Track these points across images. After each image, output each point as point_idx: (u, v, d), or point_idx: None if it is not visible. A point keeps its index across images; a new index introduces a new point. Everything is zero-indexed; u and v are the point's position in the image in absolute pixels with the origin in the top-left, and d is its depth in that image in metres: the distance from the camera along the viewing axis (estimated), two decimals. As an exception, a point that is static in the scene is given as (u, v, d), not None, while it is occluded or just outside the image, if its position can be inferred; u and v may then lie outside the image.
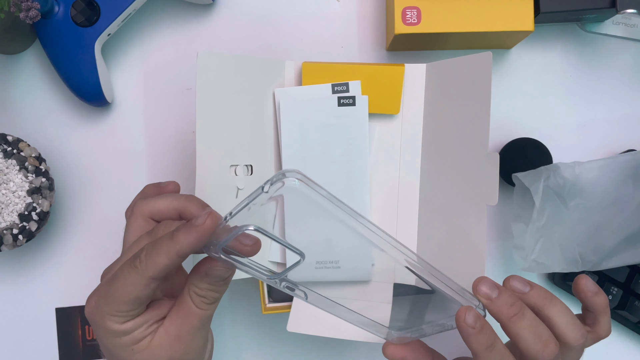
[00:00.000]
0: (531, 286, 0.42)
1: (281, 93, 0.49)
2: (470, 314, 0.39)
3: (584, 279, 0.43)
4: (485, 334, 0.39)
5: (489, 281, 0.41)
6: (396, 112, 0.50)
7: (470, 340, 0.39)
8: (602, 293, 0.43)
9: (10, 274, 0.58)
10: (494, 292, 0.41)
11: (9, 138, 0.53)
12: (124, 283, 0.37)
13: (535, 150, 0.56)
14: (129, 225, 0.42)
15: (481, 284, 0.41)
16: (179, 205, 0.41)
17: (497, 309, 0.40)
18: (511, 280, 0.42)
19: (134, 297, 0.37)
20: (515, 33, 0.53)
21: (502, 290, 0.41)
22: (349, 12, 0.59)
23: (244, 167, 0.48)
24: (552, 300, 0.41)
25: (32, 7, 0.49)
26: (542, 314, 0.41)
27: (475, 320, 0.39)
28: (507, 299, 0.40)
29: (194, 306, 0.38)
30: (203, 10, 0.58)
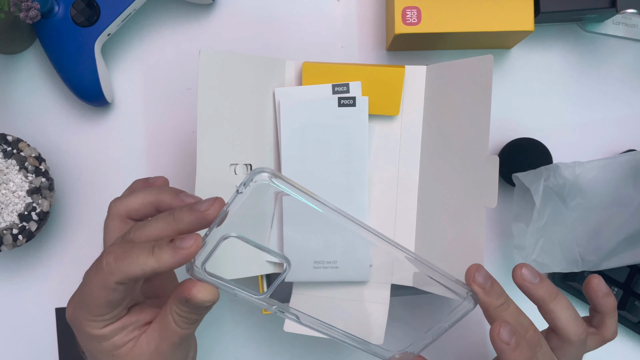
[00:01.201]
0: (540, 278, 0.42)
1: (281, 93, 0.49)
2: (505, 329, 0.39)
3: (596, 279, 0.44)
4: (522, 349, 0.39)
5: (484, 271, 0.41)
6: (396, 113, 0.50)
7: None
8: (612, 295, 0.44)
9: (10, 274, 0.58)
10: (487, 282, 0.41)
11: (9, 138, 0.53)
12: (91, 287, 0.36)
13: (535, 150, 0.56)
14: (106, 227, 0.41)
15: (478, 273, 0.41)
16: (153, 200, 0.40)
17: (488, 300, 0.41)
18: (523, 269, 0.42)
19: (104, 302, 0.36)
20: (515, 33, 0.53)
21: (494, 281, 0.42)
22: (349, 12, 0.59)
23: (243, 166, 0.48)
24: (557, 295, 0.42)
25: (32, 7, 0.49)
26: (545, 307, 0.42)
27: (510, 335, 0.39)
28: (497, 290, 0.41)
29: (174, 325, 0.38)
30: (203, 10, 0.58)
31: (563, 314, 0.41)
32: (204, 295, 0.36)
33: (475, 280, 0.41)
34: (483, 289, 0.41)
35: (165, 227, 0.37)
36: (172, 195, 0.39)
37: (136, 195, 0.40)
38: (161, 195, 0.40)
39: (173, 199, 0.39)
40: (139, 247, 0.35)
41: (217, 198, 0.37)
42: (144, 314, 0.39)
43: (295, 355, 0.58)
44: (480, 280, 0.41)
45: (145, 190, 0.41)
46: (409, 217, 0.50)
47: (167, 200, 0.39)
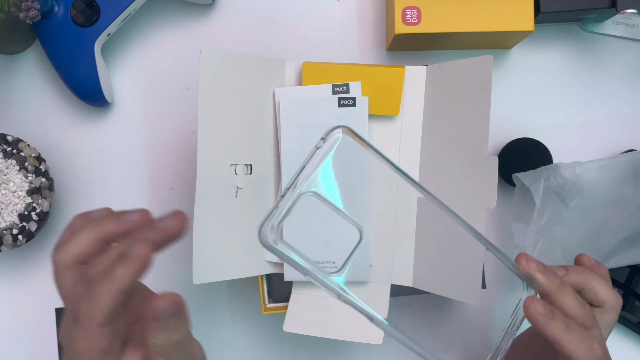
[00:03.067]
0: (566, 269, 0.44)
1: (281, 93, 0.49)
2: (538, 303, 0.40)
3: (584, 256, 0.46)
4: (558, 317, 0.40)
5: (535, 259, 0.42)
6: (396, 113, 0.50)
7: (548, 327, 0.40)
8: (601, 264, 0.46)
9: (10, 274, 0.58)
10: (540, 265, 0.42)
11: (9, 138, 0.53)
12: (80, 345, 0.34)
13: (535, 150, 0.56)
14: (58, 284, 0.37)
15: (528, 259, 0.42)
16: (98, 235, 0.36)
17: (548, 280, 0.42)
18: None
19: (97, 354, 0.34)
20: (515, 33, 0.53)
21: (543, 264, 0.43)
22: (349, 12, 0.59)
23: (243, 166, 0.48)
24: (588, 273, 0.44)
25: (32, 7, 0.49)
26: (586, 287, 0.44)
27: (544, 307, 0.40)
28: (551, 270, 0.42)
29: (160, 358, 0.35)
30: (203, 10, 0.58)
31: (601, 286, 0.44)
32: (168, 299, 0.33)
33: (530, 265, 0.42)
34: (540, 270, 0.42)
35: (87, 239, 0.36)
36: (115, 221, 0.36)
37: (78, 236, 0.36)
38: (104, 226, 0.36)
39: (118, 224, 0.36)
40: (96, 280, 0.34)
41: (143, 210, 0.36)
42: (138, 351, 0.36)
43: (295, 355, 0.58)
44: (534, 265, 0.42)
45: (85, 227, 0.37)
46: (409, 217, 0.50)
47: (113, 229, 0.36)
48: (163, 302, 0.33)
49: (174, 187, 0.58)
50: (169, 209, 0.57)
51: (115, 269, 0.33)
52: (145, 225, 0.36)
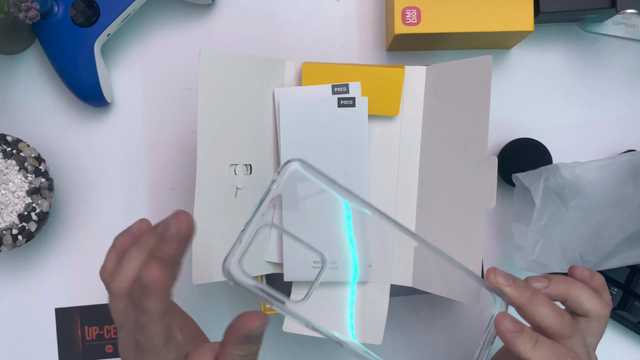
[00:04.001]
0: (549, 279, 0.43)
1: (281, 93, 0.49)
2: (507, 319, 0.40)
3: (576, 268, 0.45)
4: (527, 333, 0.40)
5: (501, 271, 0.42)
6: (395, 114, 0.50)
7: (516, 344, 0.40)
8: (596, 273, 0.45)
9: (10, 274, 0.58)
10: (509, 279, 0.42)
11: (9, 138, 0.53)
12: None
13: (535, 150, 0.56)
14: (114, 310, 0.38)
15: (496, 274, 0.42)
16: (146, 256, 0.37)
17: (518, 294, 0.42)
18: (530, 281, 0.43)
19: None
20: (515, 33, 0.53)
21: (514, 277, 0.43)
22: (349, 12, 0.59)
23: (243, 167, 0.48)
24: (572, 283, 0.43)
25: (32, 7, 0.49)
26: (569, 298, 0.43)
27: (513, 323, 0.40)
28: (522, 283, 0.42)
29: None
30: (203, 10, 0.58)
31: (585, 296, 0.43)
32: (261, 321, 0.35)
33: (498, 280, 0.42)
34: (509, 285, 0.42)
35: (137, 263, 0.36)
36: (156, 237, 0.36)
37: (129, 264, 0.37)
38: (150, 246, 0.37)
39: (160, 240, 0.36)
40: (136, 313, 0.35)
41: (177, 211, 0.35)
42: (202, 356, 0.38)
43: (296, 355, 0.58)
44: (503, 279, 0.42)
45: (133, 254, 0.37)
46: (408, 217, 0.50)
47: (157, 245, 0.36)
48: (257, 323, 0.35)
49: (174, 187, 0.58)
50: (169, 209, 0.58)
51: (143, 301, 0.34)
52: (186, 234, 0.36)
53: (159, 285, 0.33)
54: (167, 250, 0.34)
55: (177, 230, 0.34)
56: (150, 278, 0.33)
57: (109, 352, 0.57)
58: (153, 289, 0.33)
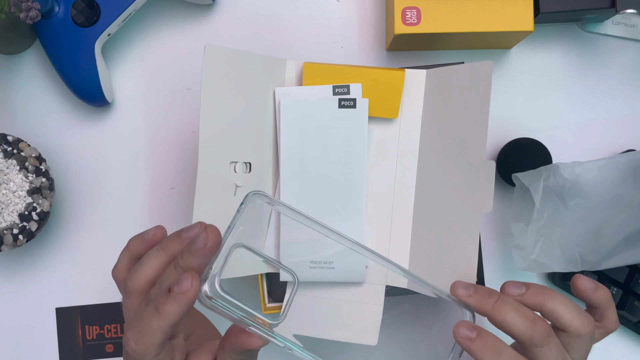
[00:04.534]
0: (527, 286, 0.42)
1: (282, 92, 0.49)
2: (462, 326, 0.40)
3: (580, 278, 0.43)
4: (484, 337, 0.40)
5: (463, 283, 0.42)
6: (395, 116, 0.50)
7: (473, 350, 0.39)
8: (601, 287, 0.43)
9: (10, 274, 0.58)
10: (469, 290, 0.42)
11: (9, 138, 0.53)
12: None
13: (535, 150, 0.56)
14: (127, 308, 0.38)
15: (456, 287, 0.42)
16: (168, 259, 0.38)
17: (478, 302, 0.41)
18: (506, 287, 0.42)
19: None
20: (515, 33, 0.53)
21: (476, 286, 0.42)
22: (349, 12, 0.59)
23: (243, 164, 0.48)
24: (551, 294, 0.41)
25: (32, 7, 0.49)
26: (544, 310, 0.41)
27: (470, 329, 0.40)
28: (484, 291, 0.41)
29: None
30: (203, 10, 0.59)
31: (563, 310, 0.41)
32: (263, 341, 0.37)
33: (457, 292, 0.42)
34: (468, 296, 0.41)
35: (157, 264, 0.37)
36: (178, 241, 0.37)
37: (148, 264, 0.38)
38: (170, 248, 0.37)
39: (181, 244, 0.37)
40: (145, 316, 0.35)
41: (200, 223, 0.36)
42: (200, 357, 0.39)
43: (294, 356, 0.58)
44: (462, 290, 0.42)
45: (154, 254, 0.38)
46: (406, 219, 0.50)
47: (178, 249, 0.37)
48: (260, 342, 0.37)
49: (174, 187, 0.58)
50: (169, 208, 0.58)
51: (165, 306, 0.34)
52: None
53: (193, 294, 0.34)
54: (192, 262, 0.35)
55: (206, 244, 0.35)
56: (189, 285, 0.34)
57: (109, 351, 0.57)
58: (187, 296, 0.34)
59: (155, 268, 0.37)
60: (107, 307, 0.58)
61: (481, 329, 0.40)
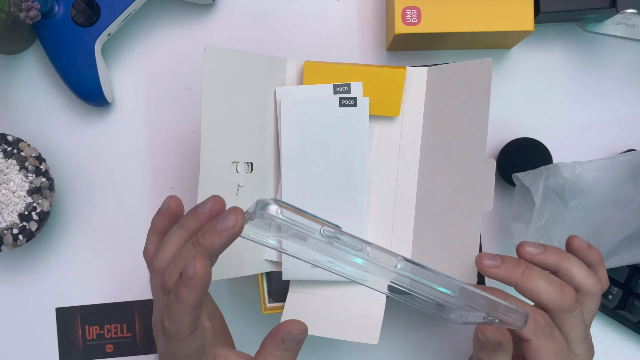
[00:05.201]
0: (544, 247, 0.43)
1: (283, 92, 0.49)
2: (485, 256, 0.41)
3: (575, 238, 0.45)
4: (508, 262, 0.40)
5: (489, 254, 0.42)
6: (396, 114, 0.50)
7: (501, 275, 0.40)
8: (594, 247, 0.45)
9: (10, 274, 0.58)
10: (497, 260, 0.42)
11: (9, 138, 0.53)
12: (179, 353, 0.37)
13: (535, 150, 0.56)
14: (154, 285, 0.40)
15: (482, 258, 0.42)
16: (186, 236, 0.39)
17: (507, 272, 0.41)
18: (525, 245, 0.43)
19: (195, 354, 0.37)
20: (515, 33, 0.53)
21: (503, 256, 0.42)
22: (349, 12, 0.59)
23: (244, 164, 0.48)
24: (565, 255, 0.43)
25: (32, 7, 0.49)
26: (560, 269, 0.42)
27: (492, 258, 0.40)
28: (511, 261, 0.42)
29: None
30: (203, 10, 0.59)
31: (577, 270, 0.42)
32: (299, 325, 0.37)
33: (484, 264, 0.42)
34: (497, 267, 0.41)
35: (177, 243, 0.38)
36: (194, 217, 0.38)
37: (170, 242, 0.39)
38: (189, 226, 0.38)
39: (198, 220, 0.38)
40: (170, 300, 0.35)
41: (214, 196, 0.37)
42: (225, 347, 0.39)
43: (296, 355, 0.58)
44: (489, 261, 0.42)
45: (174, 233, 0.39)
46: (407, 218, 0.50)
47: (196, 226, 0.38)
48: (296, 327, 0.37)
49: (174, 187, 0.58)
50: (169, 208, 0.58)
51: (180, 291, 0.35)
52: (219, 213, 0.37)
53: (201, 278, 0.34)
54: (215, 241, 0.36)
55: (233, 227, 0.35)
56: (194, 271, 0.34)
57: (109, 351, 0.57)
58: (195, 282, 0.34)
59: (176, 246, 0.38)
60: (107, 307, 0.58)
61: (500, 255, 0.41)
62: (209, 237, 0.36)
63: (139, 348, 0.58)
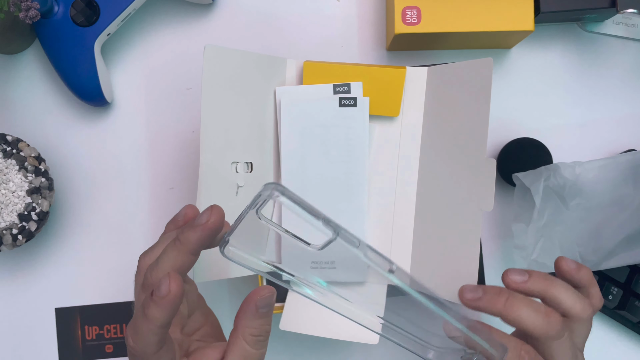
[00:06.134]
0: (529, 274, 0.42)
1: (282, 92, 0.49)
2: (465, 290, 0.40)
3: (563, 260, 0.44)
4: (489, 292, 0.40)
5: (470, 286, 0.41)
6: (396, 114, 0.50)
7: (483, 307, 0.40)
8: (583, 267, 0.43)
9: (10, 274, 0.58)
10: (478, 292, 0.41)
11: (9, 138, 0.53)
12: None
13: (535, 150, 0.56)
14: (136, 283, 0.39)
15: (463, 292, 0.41)
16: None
17: (489, 303, 0.40)
18: (509, 274, 0.42)
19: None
20: (515, 33, 0.53)
21: (484, 287, 0.41)
22: (349, 12, 0.59)
23: (244, 164, 0.48)
24: (552, 281, 0.41)
25: (32, 6, 0.49)
26: (547, 296, 0.41)
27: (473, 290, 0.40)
28: (493, 290, 0.41)
29: (252, 349, 0.37)
30: (203, 10, 0.58)
31: (564, 295, 0.41)
32: (269, 290, 0.36)
33: (466, 297, 0.41)
34: (478, 299, 0.41)
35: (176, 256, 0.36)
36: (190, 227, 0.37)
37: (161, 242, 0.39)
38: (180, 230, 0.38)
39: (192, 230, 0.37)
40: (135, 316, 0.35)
41: (213, 206, 0.36)
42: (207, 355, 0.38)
43: (296, 355, 0.58)
44: (470, 294, 0.41)
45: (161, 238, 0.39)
46: (407, 217, 0.50)
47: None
48: (267, 291, 0.36)
49: (174, 187, 0.58)
50: (169, 208, 0.58)
51: (149, 310, 0.33)
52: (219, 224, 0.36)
53: (174, 298, 0.33)
54: (191, 236, 0.35)
55: (208, 220, 0.35)
56: (167, 289, 0.33)
57: (109, 351, 0.57)
58: (168, 300, 0.33)
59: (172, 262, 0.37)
60: (107, 307, 0.58)
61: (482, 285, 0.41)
62: (185, 232, 0.35)
63: (139, 348, 0.58)
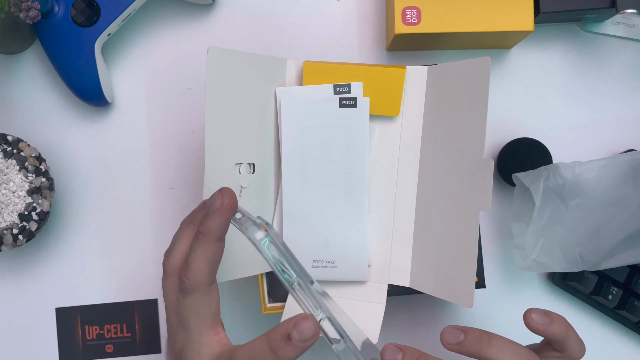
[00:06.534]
0: (465, 333, 0.41)
1: (283, 92, 0.49)
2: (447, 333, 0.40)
3: (530, 314, 0.41)
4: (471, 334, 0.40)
5: (391, 346, 0.41)
6: (396, 114, 0.50)
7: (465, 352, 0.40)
8: (555, 320, 0.41)
9: (10, 274, 0.58)
10: (398, 354, 0.41)
11: (9, 138, 0.53)
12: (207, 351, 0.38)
13: (535, 150, 0.56)
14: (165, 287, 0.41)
15: (385, 352, 0.41)
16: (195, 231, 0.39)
17: (470, 348, 0.40)
18: (444, 335, 0.41)
19: None
20: (515, 33, 0.53)
21: (405, 349, 0.41)
22: (349, 12, 0.59)
23: (247, 166, 0.48)
24: (489, 340, 0.40)
25: (32, 7, 0.49)
26: (482, 358, 0.40)
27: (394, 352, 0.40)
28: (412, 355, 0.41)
29: None
30: (203, 10, 0.59)
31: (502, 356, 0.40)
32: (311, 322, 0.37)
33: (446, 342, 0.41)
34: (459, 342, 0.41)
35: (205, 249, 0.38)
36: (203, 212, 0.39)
37: (180, 239, 0.40)
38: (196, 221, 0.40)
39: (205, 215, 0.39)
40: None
41: (222, 189, 0.38)
42: None
43: (295, 355, 0.58)
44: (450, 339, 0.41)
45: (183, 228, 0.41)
46: (407, 217, 0.50)
47: None
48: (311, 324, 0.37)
49: (174, 187, 0.58)
50: (169, 208, 0.58)
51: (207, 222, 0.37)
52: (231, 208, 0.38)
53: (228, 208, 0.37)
54: (212, 224, 0.37)
55: (222, 203, 0.37)
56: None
57: (109, 351, 0.57)
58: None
59: (186, 241, 0.40)
60: (107, 307, 0.58)
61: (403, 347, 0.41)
62: (205, 223, 0.37)
63: (139, 348, 0.58)
